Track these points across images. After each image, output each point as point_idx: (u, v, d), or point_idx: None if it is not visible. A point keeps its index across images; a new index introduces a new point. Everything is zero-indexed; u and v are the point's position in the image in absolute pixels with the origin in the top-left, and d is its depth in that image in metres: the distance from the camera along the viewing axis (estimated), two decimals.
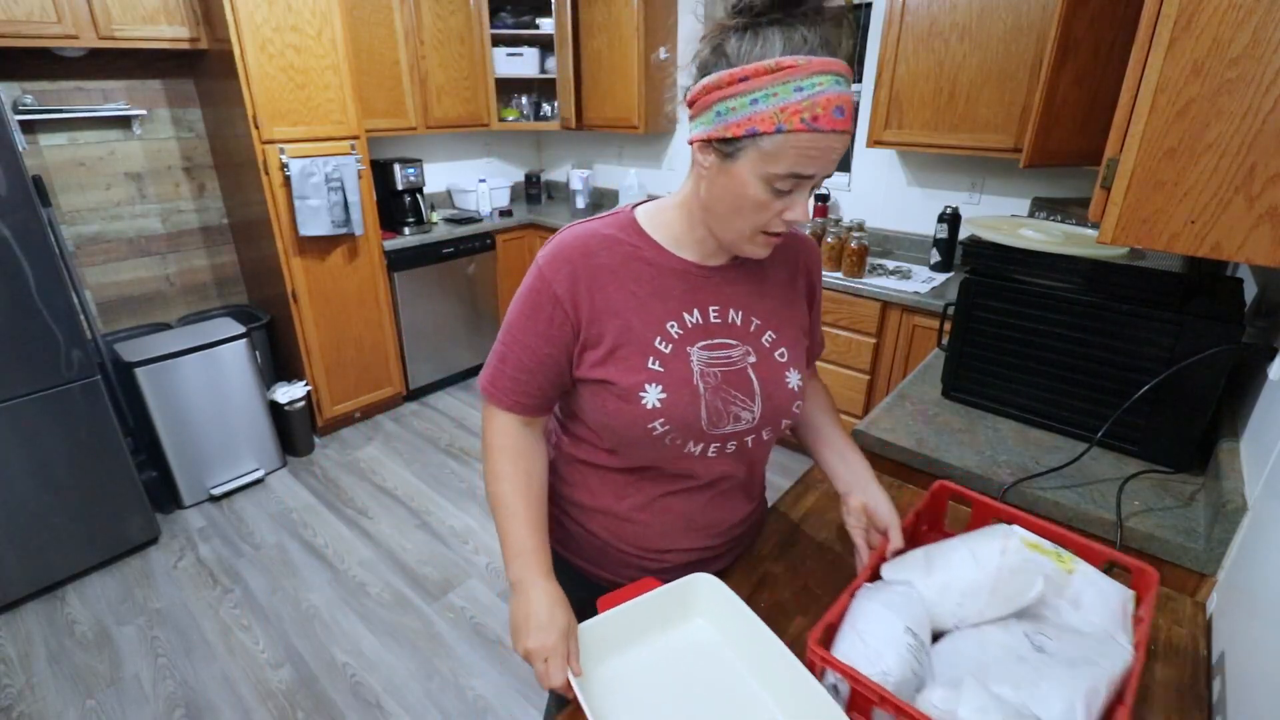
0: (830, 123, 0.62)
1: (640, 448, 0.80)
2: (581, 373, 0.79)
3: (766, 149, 0.64)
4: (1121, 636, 0.68)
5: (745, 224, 0.71)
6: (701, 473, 0.85)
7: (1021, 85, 2.08)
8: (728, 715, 0.71)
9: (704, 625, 0.81)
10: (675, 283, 0.79)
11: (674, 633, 0.80)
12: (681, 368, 0.77)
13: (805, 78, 0.62)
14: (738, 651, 0.77)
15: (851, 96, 0.64)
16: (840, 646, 0.69)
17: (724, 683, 0.75)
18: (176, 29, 2.42)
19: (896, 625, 0.67)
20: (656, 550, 0.90)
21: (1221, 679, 0.78)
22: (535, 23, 3.46)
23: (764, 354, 0.82)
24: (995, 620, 0.72)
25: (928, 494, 0.93)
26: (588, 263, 0.76)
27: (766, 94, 0.63)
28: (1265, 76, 0.70)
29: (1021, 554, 0.72)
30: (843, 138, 0.65)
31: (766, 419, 0.82)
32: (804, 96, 0.61)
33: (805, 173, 0.65)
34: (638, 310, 0.77)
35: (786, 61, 0.62)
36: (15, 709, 1.73)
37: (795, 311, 0.88)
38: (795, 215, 0.69)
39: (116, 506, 2.20)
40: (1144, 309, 1.13)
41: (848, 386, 2.57)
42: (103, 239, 2.66)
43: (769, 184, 0.67)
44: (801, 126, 0.62)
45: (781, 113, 0.62)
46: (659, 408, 0.76)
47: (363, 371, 3.09)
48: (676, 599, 0.80)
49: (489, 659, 1.89)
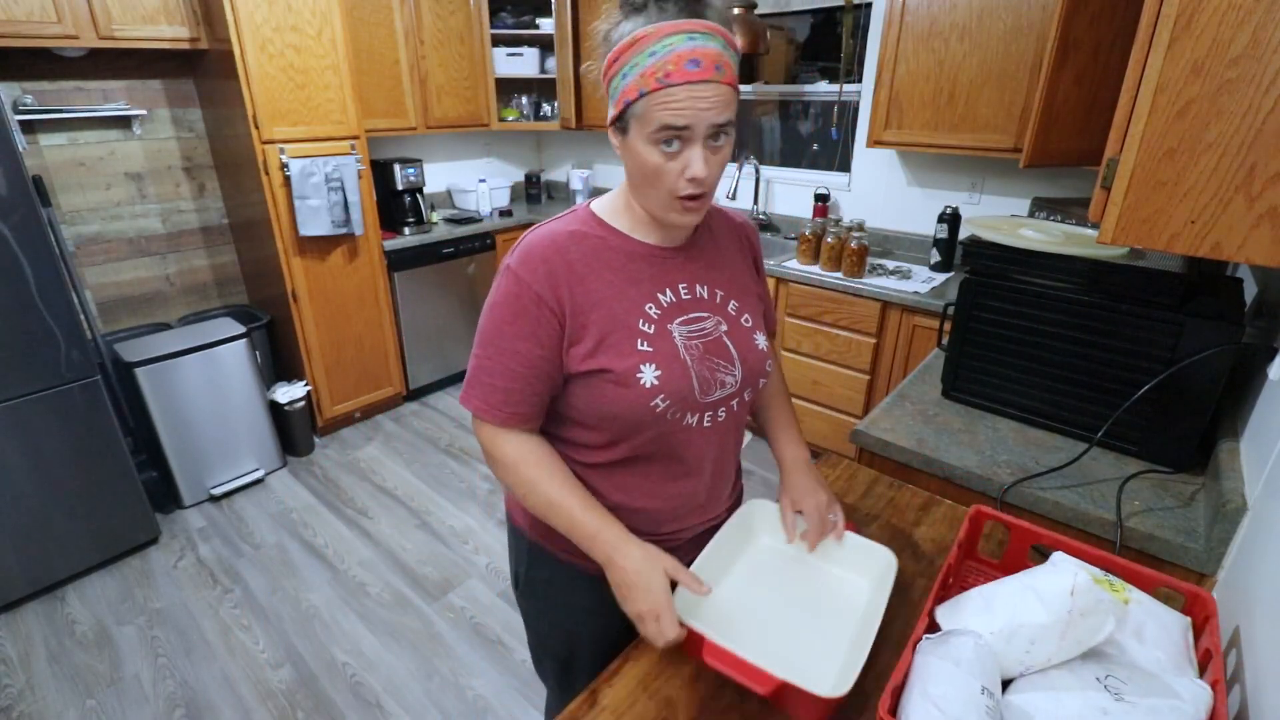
0: (683, 75, 0.67)
1: (644, 429, 0.82)
2: (572, 368, 0.80)
3: (639, 114, 0.71)
4: (1190, 671, 0.67)
5: (658, 192, 0.75)
6: (700, 447, 0.88)
7: (1021, 85, 2.08)
8: (822, 596, 0.89)
9: (769, 540, 0.98)
10: (645, 266, 0.83)
11: (748, 554, 0.96)
12: (668, 345, 0.81)
13: (656, 42, 0.68)
14: (803, 548, 0.95)
15: (713, 49, 0.69)
16: (914, 716, 0.62)
17: (805, 574, 0.93)
18: (176, 29, 2.42)
19: (972, 685, 0.63)
20: (669, 531, 0.92)
21: None
22: (535, 23, 3.46)
23: (733, 321, 0.88)
24: (1061, 664, 0.68)
25: (966, 521, 0.91)
26: (562, 259, 0.79)
27: (631, 66, 0.70)
28: (1265, 76, 0.70)
29: (1092, 594, 0.68)
30: (705, 87, 0.68)
31: (747, 380, 0.88)
32: (657, 59, 0.68)
33: (675, 125, 0.69)
34: (618, 297, 0.80)
35: (640, 33, 0.69)
36: (15, 709, 1.73)
37: (750, 281, 0.95)
38: (695, 171, 0.72)
39: (116, 506, 2.20)
40: (1144, 309, 1.13)
41: (848, 386, 2.57)
42: (103, 239, 2.66)
43: (655, 146, 0.71)
44: (657, 85, 0.68)
45: (641, 78, 0.69)
46: (657, 385, 0.79)
47: (363, 371, 3.09)
48: (741, 528, 0.96)
49: (489, 659, 1.89)
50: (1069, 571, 0.70)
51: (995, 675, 0.67)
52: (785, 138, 3.35)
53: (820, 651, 0.81)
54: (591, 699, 0.77)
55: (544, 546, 0.97)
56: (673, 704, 0.77)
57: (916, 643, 0.71)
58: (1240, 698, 0.70)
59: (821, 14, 3.02)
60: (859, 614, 0.87)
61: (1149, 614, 0.71)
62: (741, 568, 0.94)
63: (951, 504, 1.13)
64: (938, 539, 1.05)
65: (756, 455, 2.90)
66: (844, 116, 2.96)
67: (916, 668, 0.68)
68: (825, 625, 0.85)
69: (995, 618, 0.71)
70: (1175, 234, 0.80)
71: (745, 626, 0.84)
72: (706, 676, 0.80)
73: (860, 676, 0.70)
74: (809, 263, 2.67)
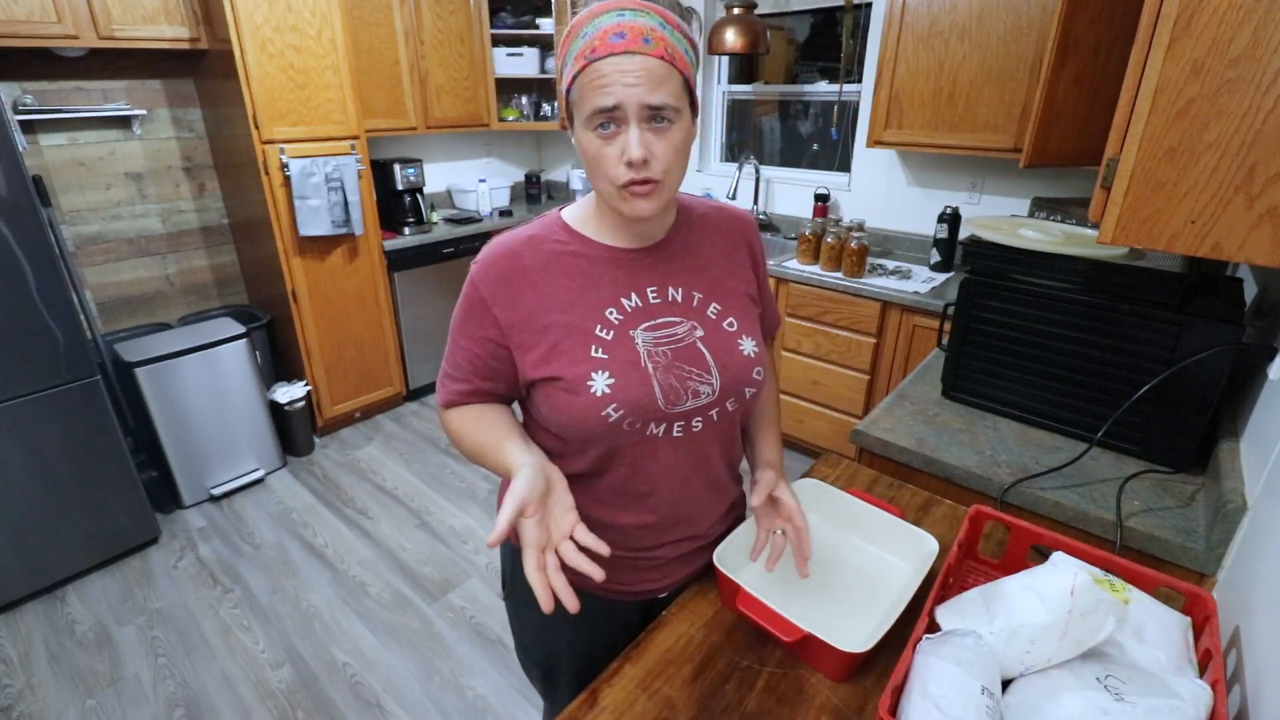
0: (607, 48, 0.65)
1: (600, 439, 0.79)
2: (527, 374, 0.79)
3: (576, 100, 0.69)
4: (1190, 671, 0.67)
5: (603, 182, 0.72)
6: (669, 460, 0.83)
7: (1021, 85, 2.08)
8: (858, 572, 0.93)
9: (814, 518, 1.02)
10: (607, 270, 0.80)
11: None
12: (627, 352, 0.77)
13: (587, 23, 0.67)
14: (848, 528, 1.00)
15: (641, 23, 0.66)
16: (913, 716, 0.62)
17: (845, 551, 0.98)
18: (176, 29, 2.42)
19: (972, 685, 0.63)
20: (647, 547, 0.90)
21: None
22: (535, 23, 3.46)
23: (711, 326, 0.82)
24: (1061, 664, 0.68)
25: (966, 521, 0.91)
26: (513, 264, 0.79)
27: (569, 54, 0.69)
28: (1265, 76, 0.70)
29: (1092, 594, 0.68)
30: (630, 59, 0.65)
31: (727, 389, 0.82)
32: (586, 40, 0.67)
33: (604, 105, 0.66)
34: (574, 303, 0.78)
35: (575, 19, 0.69)
36: (15, 709, 1.73)
37: (738, 281, 0.89)
38: (631, 154, 0.67)
39: (116, 506, 2.20)
40: (1144, 309, 1.13)
41: (848, 386, 2.57)
42: (103, 239, 2.66)
43: (592, 132, 0.69)
44: (584, 63, 0.67)
45: (575, 62, 0.68)
46: (608, 393, 0.75)
47: (363, 371, 3.09)
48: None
49: (489, 659, 1.89)
50: (1069, 571, 0.70)
51: (995, 675, 0.67)
52: (785, 138, 3.35)
53: (848, 616, 0.86)
54: (591, 699, 0.77)
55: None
56: (673, 704, 0.77)
57: (916, 643, 0.71)
58: (1240, 698, 0.70)
59: (821, 14, 3.02)
60: (893, 591, 0.89)
61: (1149, 614, 0.71)
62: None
63: (951, 504, 1.13)
64: (938, 539, 1.05)
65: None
66: (844, 116, 2.97)
67: (916, 668, 0.68)
68: (857, 596, 0.90)
69: (995, 618, 0.71)
70: (1175, 234, 0.80)
71: (780, 588, 0.90)
72: (706, 676, 0.80)
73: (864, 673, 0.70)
74: (809, 263, 2.68)
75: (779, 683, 0.79)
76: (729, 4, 2.82)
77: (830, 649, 0.73)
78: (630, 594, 0.93)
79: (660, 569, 0.92)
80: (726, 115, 3.47)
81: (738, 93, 3.39)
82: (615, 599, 0.94)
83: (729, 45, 2.78)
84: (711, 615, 0.89)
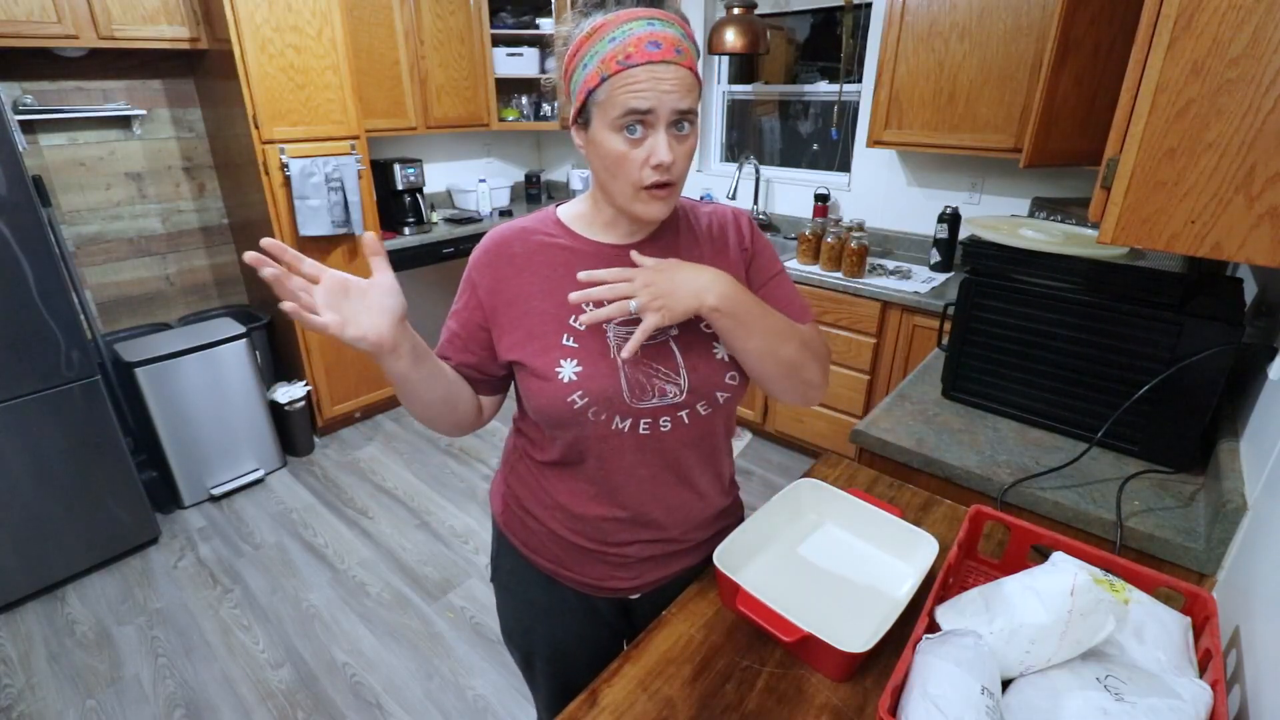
0: (643, 56, 0.67)
1: (567, 426, 0.81)
2: (503, 356, 0.84)
3: (602, 101, 0.70)
4: (1190, 671, 0.67)
5: (622, 183, 0.74)
6: (634, 456, 0.83)
7: (1021, 85, 2.08)
8: (858, 572, 0.93)
9: (814, 517, 1.03)
10: (590, 264, 0.81)
11: (793, 528, 1.01)
12: (598, 343, 0.80)
13: (615, 28, 0.69)
14: (849, 529, 1.00)
15: (672, 34, 0.69)
16: (913, 716, 0.62)
17: (845, 552, 0.97)
18: (176, 29, 2.42)
19: (972, 686, 0.63)
20: (615, 544, 0.90)
21: None
22: (535, 23, 3.46)
23: (687, 326, 0.82)
24: (1061, 664, 0.68)
25: (966, 521, 0.91)
26: (502, 251, 0.83)
27: (591, 55, 0.70)
28: (1265, 76, 0.70)
29: (1092, 594, 0.68)
30: (665, 68, 0.68)
31: (696, 392, 0.82)
32: (616, 44, 0.68)
33: (639, 108, 0.68)
34: (552, 292, 0.81)
35: (598, 22, 0.70)
36: (15, 709, 1.73)
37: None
38: (660, 157, 0.70)
39: (116, 506, 2.20)
40: (1144, 309, 1.13)
41: (848, 386, 2.57)
42: (103, 239, 2.66)
43: (619, 133, 0.71)
44: (618, 68, 0.68)
45: (602, 65, 0.69)
46: (575, 381, 0.78)
47: (363, 371, 3.09)
48: (786, 506, 1.01)
49: (489, 659, 1.89)
50: (1069, 571, 0.70)
51: (995, 675, 0.67)
52: (785, 138, 3.35)
53: (848, 616, 0.86)
54: (591, 699, 0.77)
55: (508, 538, 0.98)
56: (673, 704, 0.77)
57: (916, 643, 0.71)
58: (1240, 698, 0.70)
59: (821, 14, 3.02)
60: (893, 591, 0.90)
61: (1149, 614, 0.71)
62: (784, 540, 0.98)
63: (951, 504, 1.13)
64: (938, 539, 1.05)
65: (757, 455, 2.90)
66: (844, 116, 2.96)
67: (916, 667, 0.68)
68: (857, 596, 0.90)
69: (995, 618, 0.71)
70: (1175, 234, 0.80)
71: (780, 588, 0.90)
72: (706, 676, 0.80)
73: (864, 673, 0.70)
74: (809, 263, 2.67)
75: (779, 683, 0.79)
76: (729, 4, 2.82)
77: (830, 649, 0.74)
78: (604, 590, 0.94)
79: (630, 568, 0.92)
80: (726, 115, 3.47)
81: (738, 93, 3.39)
82: (589, 594, 0.95)
83: (729, 45, 2.77)
84: (711, 615, 0.89)
